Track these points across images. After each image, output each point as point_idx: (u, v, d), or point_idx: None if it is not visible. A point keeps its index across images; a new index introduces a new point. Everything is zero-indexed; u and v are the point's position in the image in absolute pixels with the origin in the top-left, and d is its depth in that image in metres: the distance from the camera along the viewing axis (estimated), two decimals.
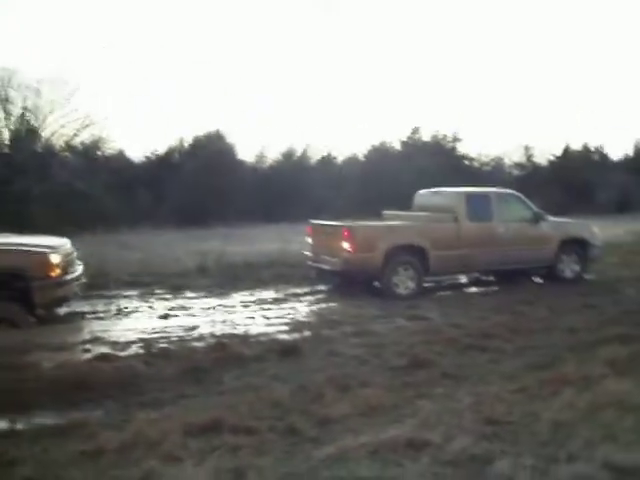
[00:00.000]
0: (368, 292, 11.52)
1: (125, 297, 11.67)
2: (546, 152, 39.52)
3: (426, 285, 13.06)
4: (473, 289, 12.73)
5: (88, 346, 7.70)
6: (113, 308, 10.62)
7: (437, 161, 33.61)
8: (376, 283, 11.81)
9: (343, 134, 55.66)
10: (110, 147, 30.98)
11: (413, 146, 37.27)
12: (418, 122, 38.20)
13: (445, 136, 38.03)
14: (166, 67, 52.27)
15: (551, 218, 13.34)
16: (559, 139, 56.76)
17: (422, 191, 13.89)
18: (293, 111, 53.99)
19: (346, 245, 11.34)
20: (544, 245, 12.87)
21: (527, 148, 39.15)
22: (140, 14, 50.34)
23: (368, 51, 56.11)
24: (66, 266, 9.20)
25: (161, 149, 33.98)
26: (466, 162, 37.98)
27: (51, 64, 30.48)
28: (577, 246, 13.21)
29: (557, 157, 39.18)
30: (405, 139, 37.89)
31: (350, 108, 52.77)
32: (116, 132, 29.79)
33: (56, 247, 9.23)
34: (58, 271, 8.87)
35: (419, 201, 13.71)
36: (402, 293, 11.53)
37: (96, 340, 8.04)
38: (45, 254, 8.84)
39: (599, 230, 13.75)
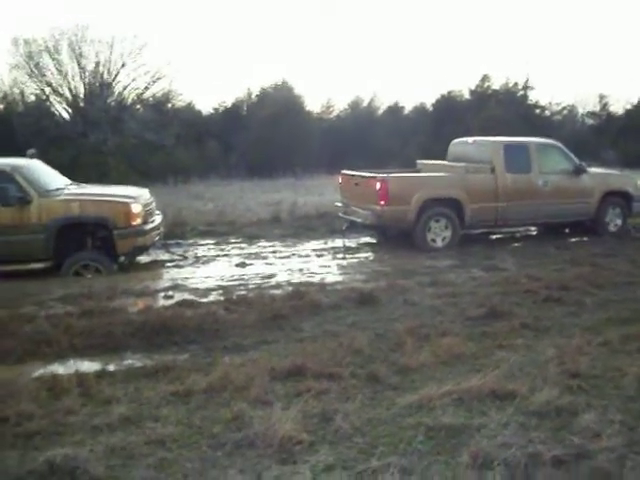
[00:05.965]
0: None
1: (202, 246, 11.94)
2: (622, 100, 37.98)
3: (499, 236, 12.94)
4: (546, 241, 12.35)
5: (170, 292, 7.91)
6: (191, 256, 10.89)
7: (507, 110, 32.77)
8: None
9: (411, 83, 54.50)
10: (179, 100, 31.54)
11: (482, 95, 36.35)
12: (488, 70, 37.21)
13: (515, 84, 36.88)
14: (231, 19, 51.95)
15: (593, 170, 12.80)
16: (637, 86, 54.72)
17: (457, 140, 13.32)
18: (360, 60, 53.27)
19: (379, 197, 10.99)
20: (585, 198, 12.37)
21: (602, 96, 37.57)
22: None
23: None
24: (146, 215, 9.49)
25: (229, 101, 34.21)
26: (537, 111, 36.85)
27: (122, 18, 30.91)
28: (620, 199, 12.70)
29: (634, 105, 37.52)
30: (474, 88, 36.96)
31: (418, 56, 51.68)
32: (185, 85, 30.23)
33: (136, 197, 9.51)
34: (139, 220, 9.18)
35: (454, 151, 13.10)
36: (437, 247, 11.20)
37: (177, 287, 8.27)
38: (127, 204, 9.13)
39: None
